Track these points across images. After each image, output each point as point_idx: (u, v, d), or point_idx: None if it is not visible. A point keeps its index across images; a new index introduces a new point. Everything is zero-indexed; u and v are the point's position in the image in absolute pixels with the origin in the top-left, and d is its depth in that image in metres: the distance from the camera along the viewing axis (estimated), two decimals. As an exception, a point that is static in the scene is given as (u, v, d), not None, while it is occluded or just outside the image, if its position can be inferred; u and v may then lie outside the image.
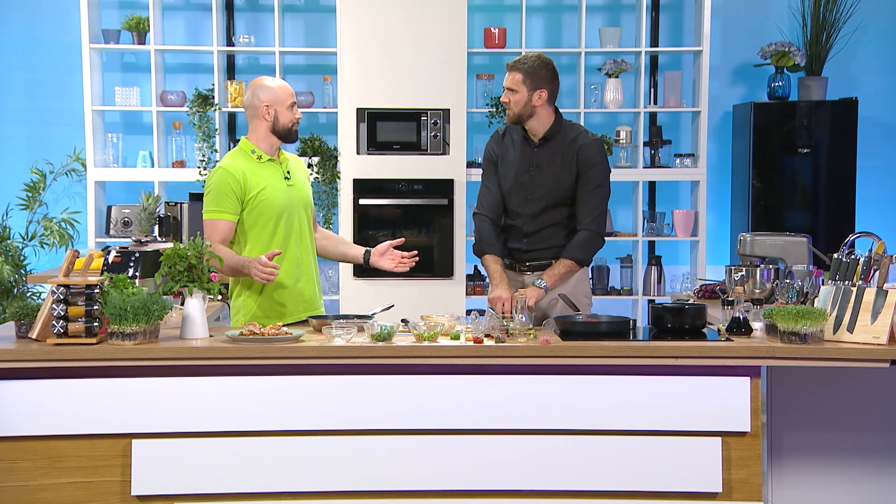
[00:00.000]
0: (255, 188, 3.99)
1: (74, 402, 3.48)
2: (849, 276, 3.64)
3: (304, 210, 4.13)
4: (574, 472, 3.53)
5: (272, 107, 4.02)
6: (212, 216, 3.98)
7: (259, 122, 4.05)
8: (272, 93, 4.02)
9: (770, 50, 6.62)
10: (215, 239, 3.95)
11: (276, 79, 4.15)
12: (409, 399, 3.53)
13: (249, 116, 4.08)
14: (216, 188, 3.97)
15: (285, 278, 4.03)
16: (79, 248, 6.35)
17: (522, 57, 4.14)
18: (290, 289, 4.07)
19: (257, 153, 4.06)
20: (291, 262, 4.07)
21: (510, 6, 6.88)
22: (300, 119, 4.10)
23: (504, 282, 4.12)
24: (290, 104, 4.04)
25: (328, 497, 3.53)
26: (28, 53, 6.83)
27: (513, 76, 4.10)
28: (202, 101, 6.54)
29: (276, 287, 4.02)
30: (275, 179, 4.06)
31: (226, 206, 3.96)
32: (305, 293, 4.12)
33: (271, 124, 4.04)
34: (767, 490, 3.79)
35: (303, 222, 4.12)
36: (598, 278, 6.77)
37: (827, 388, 3.79)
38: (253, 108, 4.04)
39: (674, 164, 6.74)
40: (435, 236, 6.44)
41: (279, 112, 4.02)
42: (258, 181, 4.00)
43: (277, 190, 4.04)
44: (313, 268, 4.18)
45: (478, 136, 6.72)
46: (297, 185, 4.13)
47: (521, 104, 4.11)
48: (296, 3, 6.88)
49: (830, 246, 4.60)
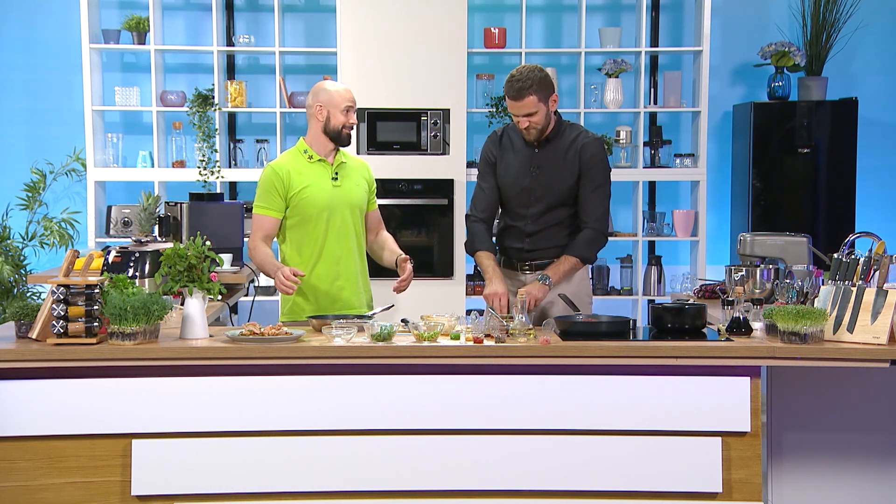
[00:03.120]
0: (298, 186, 4.13)
1: (74, 402, 3.48)
2: (849, 276, 3.64)
3: (349, 211, 4.20)
4: (574, 472, 3.53)
5: (325, 108, 4.15)
6: (258, 211, 4.16)
7: (313, 122, 4.19)
8: (328, 95, 4.16)
9: (770, 50, 6.62)
10: (259, 234, 4.13)
11: (338, 84, 4.27)
12: (409, 399, 3.53)
13: (308, 117, 4.22)
14: (263, 185, 4.16)
15: (322, 276, 4.15)
16: (79, 248, 6.35)
17: (521, 78, 4.01)
18: (326, 288, 4.16)
19: (309, 153, 4.19)
20: (330, 261, 4.17)
21: (510, 6, 6.88)
22: (354, 124, 4.19)
23: (498, 276, 4.13)
24: (344, 108, 4.15)
25: (328, 497, 3.53)
26: (28, 53, 6.83)
27: (526, 101, 4.02)
28: (202, 101, 6.54)
29: (313, 284, 4.14)
30: (320, 179, 4.16)
31: (270, 203, 4.14)
32: (344, 293, 4.19)
33: (323, 125, 4.16)
34: (767, 490, 3.79)
35: (346, 223, 4.19)
36: (598, 278, 6.77)
37: (827, 388, 3.79)
38: (309, 108, 4.19)
39: (674, 164, 6.74)
40: (435, 236, 6.44)
41: (332, 114, 4.14)
42: (302, 180, 4.14)
43: (320, 189, 4.14)
44: (357, 269, 4.24)
45: (478, 136, 6.72)
46: (346, 187, 4.21)
47: (542, 120, 4.08)
48: (296, 3, 6.88)
49: (830, 246, 4.60)
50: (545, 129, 4.13)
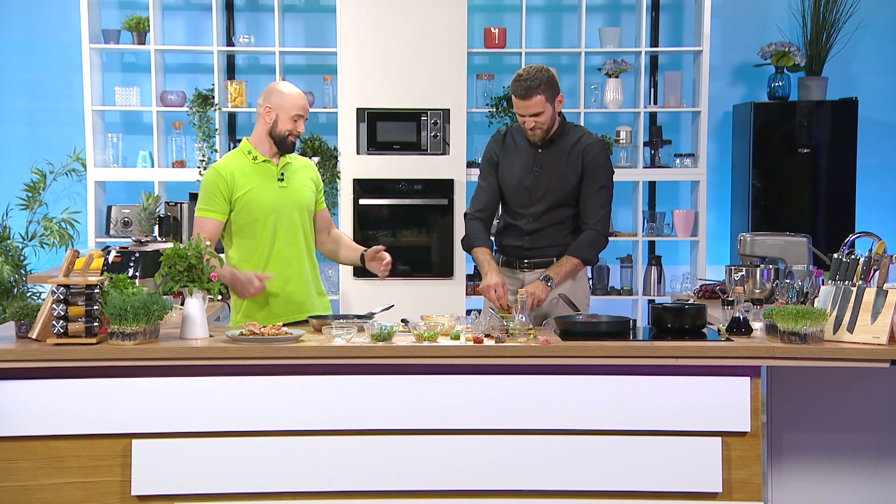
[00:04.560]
0: (243, 188, 4.03)
1: (74, 402, 3.48)
2: (849, 276, 3.64)
3: (297, 212, 4.12)
4: (574, 472, 3.53)
5: (274, 111, 4.04)
6: (199, 214, 4.05)
7: (260, 122, 4.09)
8: (279, 98, 4.05)
9: (770, 50, 6.62)
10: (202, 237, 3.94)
11: (293, 88, 4.12)
12: (409, 399, 3.53)
13: (256, 116, 4.13)
14: (205, 187, 4.05)
15: (272, 280, 4.05)
16: (79, 248, 6.35)
17: (529, 77, 4.01)
18: (277, 291, 4.07)
19: (253, 153, 4.09)
20: (280, 263, 4.08)
21: (510, 6, 6.88)
22: (300, 133, 4.09)
23: (494, 269, 4.13)
24: (293, 115, 4.05)
25: (328, 497, 3.53)
26: (28, 53, 6.83)
27: (534, 101, 4.02)
28: (202, 101, 6.54)
29: (266, 284, 4.03)
30: (265, 181, 4.07)
31: (213, 206, 4.03)
32: (296, 296, 4.11)
33: (269, 127, 4.06)
34: (767, 490, 3.79)
35: (294, 224, 4.11)
36: (598, 278, 6.77)
37: (827, 388, 3.79)
38: (258, 108, 4.09)
39: (674, 164, 6.74)
40: (435, 236, 6.44)
41: (280, 118, 4.04)
42: (247, 182, 4.04)
43: (266, 191, 4.05)
44: (307, 270, 4.16)
45: (478, 136, 6.72)
46: (293, 188, 4.12)
47: (548, 120, 4.08)
48: (296, 3, 6.88)
49: (830, 246, 4.60)
50: (550, 129, 4.13)
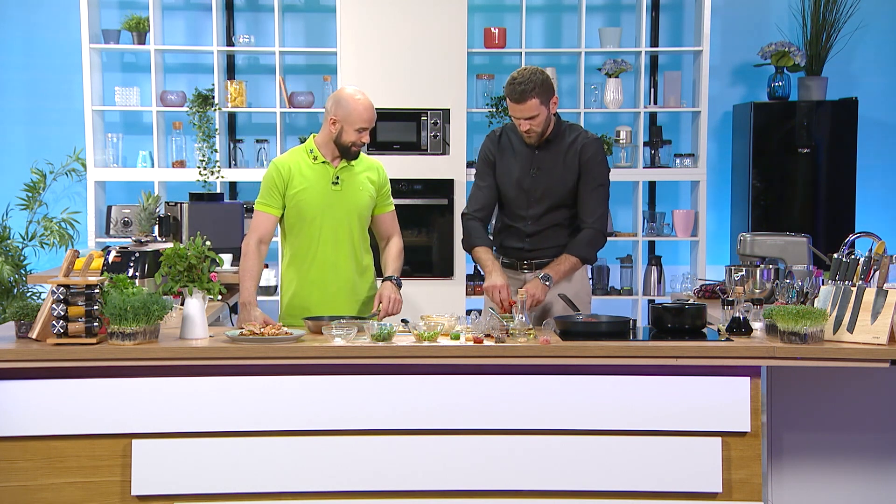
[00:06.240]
0: (297, 186, 4.11)
1: (74, 402, 3.48)
2: (849, 276, 3.64)
3: (346, 216, 4.14)
4: (574, 472, 3.53)
5: (340, 123, 4.07)
6: (257, 208, 4.14)
7: (326, 127, 4.13)
8: (346, 111, 4.05)
9: (770, 50, 6.62)
10: (255, 234, 4.10)
11: (359, 99, 4.08)
12: (409, 399, 3.53)
13: (323, 119, 4.18)
14: (265, 181, 4.16)
15: (316, 280, 4.13)
16: (79, 248, 6.35)
17: (523, 80, 4.00)
18: (319, 291, 4.14)
19: (315, 153, 4.15)
20: (323, 265, 4.14)
21: (510, 6, 6.88)
22: (365, 143, 4.12)
23: (497, 269, 4.12)
24: (358, 128, 4.06)
25: (328, 497, 3.53)
26: (28, 53, 6.83)
27: (529, 104, 4.00)
28: (202, 101, 6.53)
29: (308, 285, 4.14)
30: (320, 181, 4.12)
31: (269, 200, 4.13)
32: (338, 299, 4.14)
33: (334, 136, 4.10)
34: (767, 490, 3.79)
35: (342, 228, 4.13)
36: (598, 278, 6.77)
37: (827, 388, 3.79)
38: (326, 113, 4.13)
39: (674, 164, 6.74)
40: (435, 236, 6.44)
41: (345, 130, 4.07)
42: (302, 180, 4.11)
43: (318, 192, 4.11)
44: (354, 276, 4.18)
45: (478, 136, 6.71)
46: (347, 192, 4.14)
47: (543, 122, 4.08)
48: (296, 3, 6.88)
49: (830, 246, 4.60)
50: (545, 131, 4.13)
